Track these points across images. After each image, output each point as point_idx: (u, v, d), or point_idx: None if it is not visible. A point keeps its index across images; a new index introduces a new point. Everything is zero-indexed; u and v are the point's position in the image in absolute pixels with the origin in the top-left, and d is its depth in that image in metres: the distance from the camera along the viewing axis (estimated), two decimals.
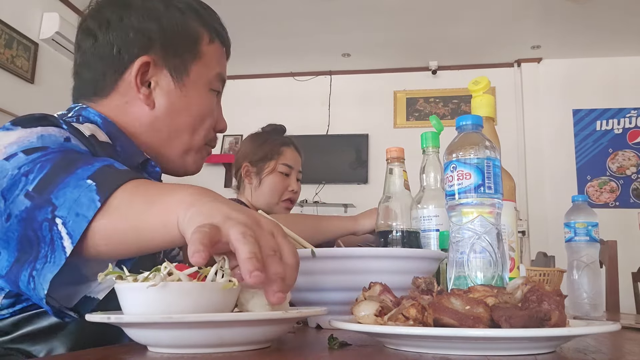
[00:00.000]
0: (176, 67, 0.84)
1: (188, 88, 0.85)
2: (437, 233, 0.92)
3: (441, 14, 3.95)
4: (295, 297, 0.81)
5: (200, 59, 0.86)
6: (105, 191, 0.57)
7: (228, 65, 0.97)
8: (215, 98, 0.90)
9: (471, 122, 0.67)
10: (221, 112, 0.93)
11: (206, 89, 0.87)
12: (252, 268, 0.46)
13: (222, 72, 0.90)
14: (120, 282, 0.53)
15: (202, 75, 0.86)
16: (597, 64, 4.59)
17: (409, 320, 0.49)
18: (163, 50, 0.83)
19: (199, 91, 0.86)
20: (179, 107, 0.84)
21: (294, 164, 1.65)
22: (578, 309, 1.27)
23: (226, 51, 0.94)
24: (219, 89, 0.90)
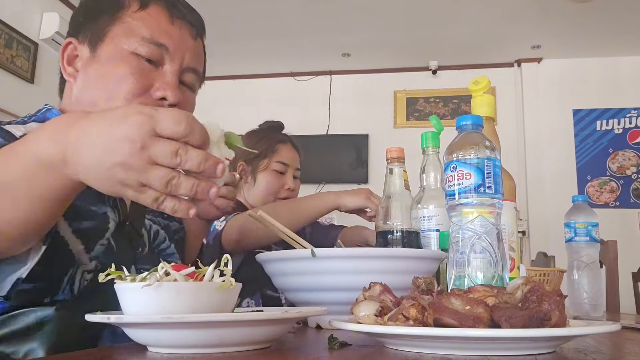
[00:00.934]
0: (93, 36, 0.81)
1: (101, 54, 0.80)
2: (437, 233, 0.92)
3: (441, 14, 3.95)
4: (295, 297, 0.81)
5: (121, 24, 0.81)
6: None
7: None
8: (146, 64, 0.80)
9: (471, 122, 0.67)
10: (169, 81, 0.81)
11: (123, 54, 0.79)
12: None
13: (155, 37, 0.80)
14: (120, 282, 0.53)
15: (120, 39, 0.80)
16: (597, 64, 4.59)
17: (409, 320, 0.49)
18: (87, 27, 0.82)
19: (114, 56, 0.79)
20: (93, 75, 0.80)
21: (290, 161, 1.60)
22: (578, 309, 1.27)
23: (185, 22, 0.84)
24: (147, 55, 0.80)
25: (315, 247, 0.74)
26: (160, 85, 0.80)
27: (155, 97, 0.80)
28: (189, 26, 0.86)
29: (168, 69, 0.82)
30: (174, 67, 0.82)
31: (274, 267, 0.81)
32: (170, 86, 0.81)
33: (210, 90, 6.05)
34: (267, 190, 1.56)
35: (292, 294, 0.81)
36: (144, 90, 0.79)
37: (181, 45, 0.83)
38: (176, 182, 0.50)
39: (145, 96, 0.79)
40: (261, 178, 1.56)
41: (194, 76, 0.87)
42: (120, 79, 0.78)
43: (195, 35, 0.87)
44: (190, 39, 0.86)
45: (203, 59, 0.92)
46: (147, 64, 0.80)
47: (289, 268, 0.78)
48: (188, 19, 0.85)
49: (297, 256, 0.76)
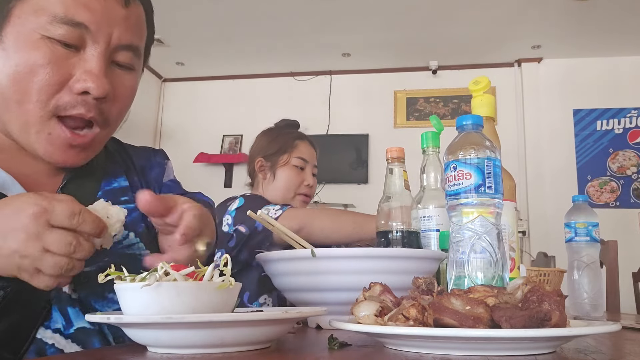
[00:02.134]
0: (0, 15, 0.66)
1: (6, 39, 0.65)
2: (437, 233, 0.92)
3: (441, 14, 3.95)
4: (295, 297, 0.81)
5: (25, 2, 0.65)
6: None
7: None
8: (61, 50, 0.65)
9: (471, 122, 0.67)
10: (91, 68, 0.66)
11: (33, 37, 0.64)
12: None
13: (70, 14, 0.64)
14: (119, 282, 0.53)
15: (27, 19, 0.64)
16: (597, 64, 4.59)
17: (409, 320, 0.49)
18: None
19: (19, 41, 0.64)
20: (1, 68, 0.65)
21: (309, 158, 1.62)
22: (578, 309, 1.27)
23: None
24: (62, 38, 0.65)
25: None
26: (80, 75, 0.65)
27: (76, 91, 0.66)
28: None
29: (90, 53, 0.66)
30: (99, 49, 0.67)
31: (274, 267, 0.81)
32: (93, 75, 0.66)
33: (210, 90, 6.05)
34: (288, 185, 1.57)
35: (292, 294, 0.81)
36: (60, 85, 0.65)
37: (106, 20, 0.67)
38: (69, 266, 0.54)
39: (64, 91, 0.65)
40: (281, 173, 1.57)
41: (130, 54, 0.71)
42: (30, 72, 0.63)
43: (127, 2, 0.70)
44: (119, 9, 0.69)
45: (143, 29, 0.75)
46: (62, 50, 0.65)
47: (289, 268, 0.78)
48: None
49: (297, 256, 0.76)
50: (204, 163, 4.88)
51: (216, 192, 4.90)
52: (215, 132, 4.95)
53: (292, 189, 1.57)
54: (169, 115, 5.14)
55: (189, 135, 5.01)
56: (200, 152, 4.85)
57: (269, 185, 1.59)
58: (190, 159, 4.83)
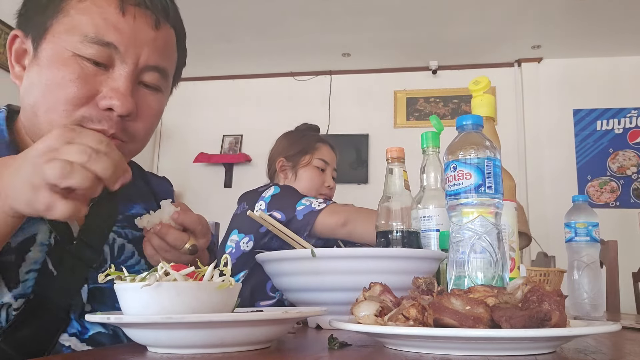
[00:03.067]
0: (35, 31, 0.70)
1: (41, 55, 0.69)
2: (437, 233, 0.92)
3: (441, 14, 3.95)
4: (295, 297, 0.81)
5: (63, 18, 0.68)
6: None
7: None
8: (91, 68, 0.68)
9: (471, 122, 0.67)
10: (118, 87, 0.69)
11: (65, 55, 0.67)
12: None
13: (101, 34, 0.67)
14: (119, 282, 0.53)
15: (60, 37, 0.68)
16: (597, 64, 4.59)
17: (409, 320, 0.49)
18: (31, 18, 0.72)
19: (54, 58, 0.68)
20: (34, 80, 0.69)
21: (330, 160, 1.66)
22: (578, 309, 1.27)
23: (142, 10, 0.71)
24: (92, 57, 0.67)
25: None
26: (107, 93, 0.68)
27: (102, 107, 0.68)
28: (147, 14, 0.71)
29: (118, 72, 0.69)
30: (127, 69, 0.69)
31: (274, 267, 0.81)
32: (118, 94, 0.68)
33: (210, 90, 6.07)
34: (310, 185, 1.61)
35: (292, 294, 0.81)
36: (87, 100, 0.67)
37: (135, 41, 0.70)
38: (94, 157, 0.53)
39: (90, 105, 0.68)
40: (303, 173, 1.61)
41: (157, 75, 0.74)
42: (59, 85, 0.66)
43: (157, 24, 0.72)
44: (149, 30, 0.71)
45: (172, 51, 0.78)
46: (92, 67, 0.68)
47: (289, 268, 0.78)
48: (145, 4, 0.71)
49: (297, 256, 0.76)
50: (204, 163, 4.88)
51: (216, 192, 4.92)
52: (215, 132, 4.95)
53: (314, 188, 1.61)
54: (169, 115, 5.14)
55: (189, 135, 5.01)
56: (200, 152, 4.85)
57: (291, 184, 1.61)
58: (190, 159, 4.83)
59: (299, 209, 1.38)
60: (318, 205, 1.39)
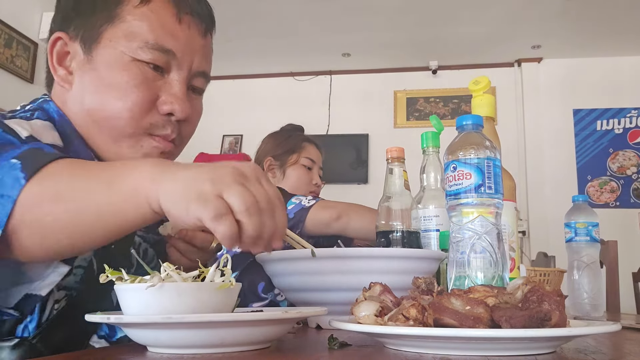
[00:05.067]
0: (85, 35, 0.70)
1: (96, 58, 0.70)
2: (437, 233, 0.92)
3: (441, 14, 3.95)
4: (295, 297, 0.81)
5: (119, 23, 0.70)
6: (30, 168, 0.51)
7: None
8: (151, 72, 0.71)
9: (471, 122, 0.67)
10: (176, 92, 0.72)
11: (124, 60, 0.69)
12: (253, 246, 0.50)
13: (160, 40, 0.70)
14: (120, 283, 0.53)
15: (119, 42, 0.69)
16: (597, 64, 4.59)
17: (409, 320, 0.49)
18: (78, 21, 0.72)
19: (114, 63, 0.69)
20: (91, 84, 0.70)
21: (316, 159, 1.69)
22: (578, 309, 1.27)
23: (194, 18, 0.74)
24: (152, 61, 0.70)
25: None
26: (167, 98, 0.71)
27: (162, 112, 0.72)
28: (198, 22, 0.75)
29: (175, 78, 0.72)
30: (182, 75, 0.73)
31: (274, 267, 0.81)
32: (178, 99, 0.72)
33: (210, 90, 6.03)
34: (298, 183, 1.64)
35: (292, 294, 0.81)
36: (150, 104, 0.71)
37: (190, 48, 0.73)
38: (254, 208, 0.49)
39: (152, 113, 0.71)
40: (291, 171, 1.65)
41: (203, 80, 0.78)
42: (121, 91, 0.68)
43: (205, 32, 0.77)
44: (199, 38, 0.75)
45: (212, 57, 0.81)
46: (151, 72, 0.71)
47: (289, 268, 0.78)
48: (197, 13, 0.74)
49: (297, 256, 0.76)
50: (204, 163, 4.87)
51: None
52: (215, 132, 4.95)
53: (302, 186, 1.64)
54: None
55: None
56: (200, 152, 4.85)
57: (279, 183, 1.64)
58: (190, 159, 4.82)
59: (289, 207, 1.40)
60: (308, 202, 1.41)
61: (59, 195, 0.52)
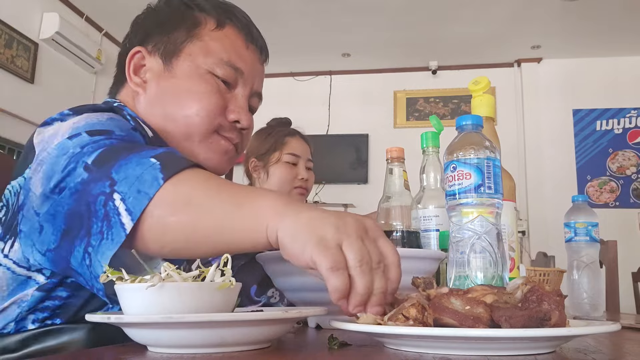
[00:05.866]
0: (167, 49, 0.82)
1: (176, 69, 0.81)
2: (437, 233, 0.92)
3: (441, 14, 3.95)
4: (295, 297, 0.81)
5: (197, 42, 0.82)
6: (169, 170, 0.56)
7: None
8: (222, 85, 0.82)
9: (471, 122, 0.67)
10: (242, 105, 0.84)
11: (200, 72, 0.81)
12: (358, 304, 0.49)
13: (232, 60, 0.83)
14: (120, 283, 0.53)
15: (197, 57, 0.81)
16: (597, 64, 4.59)
17: (409, 320, 0.49)
18: (158, 38, 0.83)
19: (190, 72, 0.81)
20: (170, 90, 0.81)
21: (301, 152, 1.64)
22: (578, 309, 1.27)
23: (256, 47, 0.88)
24: (224, 76, 0.82)
25: None
26: (234, 108, 0.83)
27: (230, 120, 0.82)
28: (259, 51, 0.89)
29: (241, 93, 0.84)
30: (246, 92, 0.85)
31: (274, 267, 0.81)
32: (243, 110, 0.83)
33: None
34: (281, 181, 1.59)
35: (292, 294, 0.81)
36: (221, 110, 0.81)
37: (253, 70, 0.86)
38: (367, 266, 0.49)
39: (222, 117, 0.81)
40: (274, 170, 1.60)
41: (258, 100, 0.90)
42: (198, 96, 0.79)
43: (263, 61, 0.91)
44: (259, 64, 0.89)
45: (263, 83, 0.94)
46: (222, 85, 0.82)
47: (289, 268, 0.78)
48: (259, 44, 0.88)
49: None
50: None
51: None
52: None
53: (286, 184, 1.60)
54: None
55: None
56: None
57: (264, 184, 1.61)
58: None
59: None
60: None
61: (189, 201, 0.56)
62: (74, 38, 3.76)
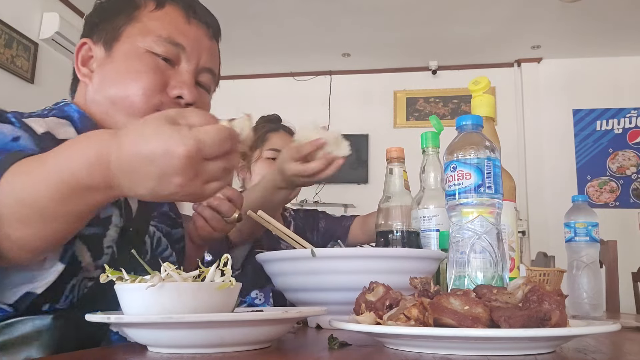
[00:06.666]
0: (108, 36, 0.81)
1: (116, 53, 0.80)
2: (437, 233, 0.92)
3: (441, 14, 3.95)
4: (295, 297, 0.81)
5: (136, 24, 0.81)
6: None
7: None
8: (162, 63, 0.80)
9: (471, 122, 0.67)
10: (185, 80, 0.81)
11: (139, 52, 0.79)
12: None
13: (172, 36, 0.81)
14: (120, 283, 0.53)
15: (136, 38, 0.80)
16: (597, 64, 4.59)
17: (410, 320, 0.49)
18: (101, 27, 0.82)
19: (129, 54, 0.79)
20: (109, 74, 0.80)
21: (282, 146, 1.55)
22: (578, 309, 1.27)
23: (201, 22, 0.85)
24: (164, 53, 0.80)
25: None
26: (176, 84, 0.80)
27: (172, 96, 0.80)
28: (205, 27, 0.86)
29: (184, 68, 0.82)
30: (191, 67, 0.83)
31: (274, 267, 0.81)
32: (186, 85, 0.81)
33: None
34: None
35: (292, 294, 0.81)
36: (161, 88, 0.79)
37: (197, 45, 0.84)
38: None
39: (162, 94, 0.79)
40: (255, 168, 1.57)
41: (210, 76, 0.87)
42: (136, 75, 0.78)
43: (211, 36, 0.88)
44: (206, 39, 0.86)
45: (218, 61, 0.92)
46: (163, 62, 0.80)
47: (289, 268, 0.78)
48: (204, 19, 0.86)
49: (297, 256, 0.76)
50: None
51: None
52: None
53: None
54: None
55: None
56: None
57: (249, 184, 1.58)
58: None
59: None
60: None
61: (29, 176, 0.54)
62: (74, 38, 3.76)
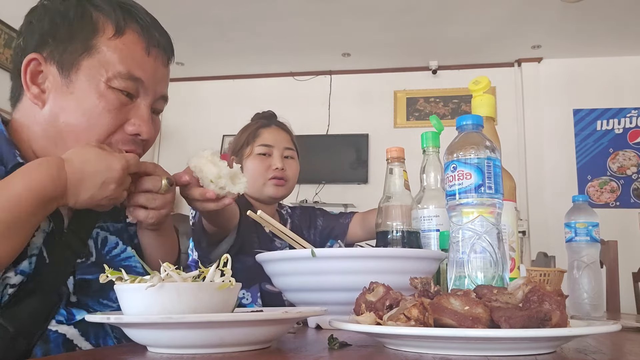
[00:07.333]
0: (65, 61, 0.78)
1: (76, 84, 0.78)
2: (437, 233, 0.92)
3: (441, 14, 3.95)
4: (295, 297, 0.81)
5: (96, 54, 0.78)
6: None
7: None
8: (123, 97, 0.80)
9: (472, 122, 0.67)
10: (143, 116, 0.82)
11: (100, 88, 0.78)
12: None
13: (132, 70, 0.80)
14: (120, 283, 0.53)
15: (97, 71, 0.78)
16: (597, 64, 4.59)
17: (410, 320, 0.49)
18: (54, 46, 0.79)
19: (89, 88, 0.78)
20: (64, 105, 0.78)
21: (274, 142, 1.59)
22: (578, 309, 1.27)
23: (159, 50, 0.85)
24: (125, 89, 0.80)
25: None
26: (135, 121, 0.82)
27: (130, 132, 0.81)
28: (163, 54, 0.86)
29: (142, 103, 0.83)
30: (148, 101, 0.83)
31: (273, 267, 0.81)
32: (144, 122, 0.82)
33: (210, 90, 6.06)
34: (254, 174, 1.55)
35: (292, 294, 0.81)
36: (119, 127, 0.81)
37: (155, 77, 0.84)
38: None
39: (120, 131, 0.81)
40: (247, 165, 1.57)
41: (163, 102, 0.89)
42: (99, 114, 0.78)
43: (167, 62, 0.88)
44: (162, 68, 0.86)
45: (168, 81, 0.92)
46: (123, 97, 0.80)
47: (289, 268, 0.78)
48: (162, 45, 0.85)
49: (297, 256, 0.76)
50: None
51: None
52: (215, 132, 4.95)
53: (258, 176, 1.55)
54: (169, 115, 5.13)
55: (188, 135, 5.01)
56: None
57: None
58: None
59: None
60: None
61: None
62: None
